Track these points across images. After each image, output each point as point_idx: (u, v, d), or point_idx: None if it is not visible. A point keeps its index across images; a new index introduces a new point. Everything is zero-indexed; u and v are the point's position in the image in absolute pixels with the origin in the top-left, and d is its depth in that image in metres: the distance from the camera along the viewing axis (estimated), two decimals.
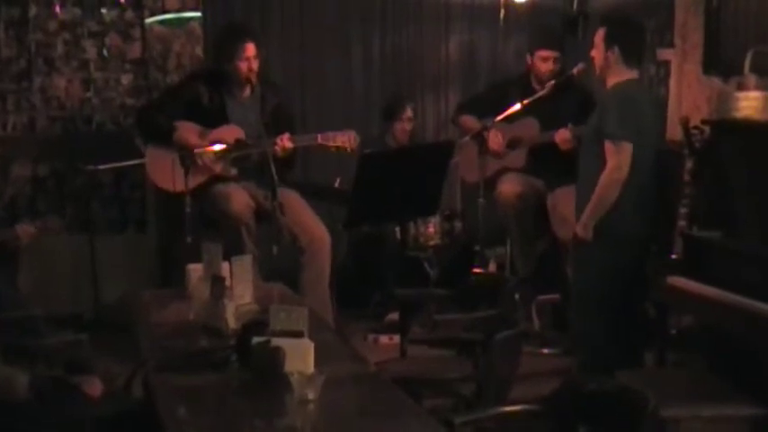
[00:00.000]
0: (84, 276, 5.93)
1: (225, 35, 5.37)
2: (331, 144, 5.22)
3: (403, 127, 6.31)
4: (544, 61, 5.55)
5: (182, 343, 3.23)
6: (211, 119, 5.26)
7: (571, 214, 4.75)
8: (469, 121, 5.78)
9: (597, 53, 4.41)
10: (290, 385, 2.67)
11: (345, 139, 5.21)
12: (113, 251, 6.10)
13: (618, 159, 4.23)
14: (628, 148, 4.23)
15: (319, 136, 5.24)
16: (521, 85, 5.66)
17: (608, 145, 4.25)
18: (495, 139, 5.53)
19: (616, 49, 4.33)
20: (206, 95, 5.29)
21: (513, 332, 3.44)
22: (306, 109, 6.65)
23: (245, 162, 5.29)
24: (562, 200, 5.30)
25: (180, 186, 4.89)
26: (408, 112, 6.33)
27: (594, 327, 4.38)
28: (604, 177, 4.25)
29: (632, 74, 4.37)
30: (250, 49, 5.22)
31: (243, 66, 5.21)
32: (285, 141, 5.13)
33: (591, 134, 4.41)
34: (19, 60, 6.10)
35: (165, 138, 5.18)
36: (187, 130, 5.21)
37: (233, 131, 5.23)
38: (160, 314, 3.73)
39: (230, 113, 5.30)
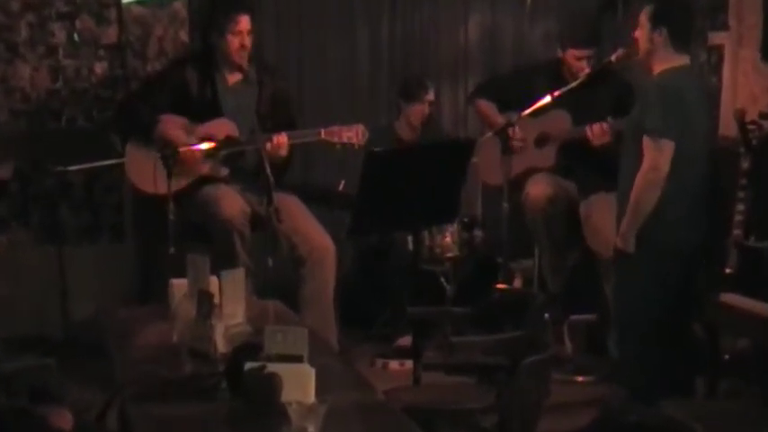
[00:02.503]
0: (51, 292, 5.94)
1: (216, 5, 5.39)
2: (336, 140, 5.23)
3: (423, 109, 6.34)
4: (578, 60, 5.57)
5: (163, 368, 3.24)
6: (202, 109, 5.28)
7: (606, 225, 4.75)
8: (487, 107, 5.80)
9: (642, 34, 4.39)
10: (287, 417, 2.68)
11: (352, 135, 5.23)
12: (85, 263, 6.11)
13: (655, 158, 4.23)
14: (668, 146, 4.22)
15: (323, 131, 5.25)
16: (550, 73, 5.66)
17: (646, 141, 4.24)
18: (519, 135, 5.53)
19: (664, 30, 4.31)
20: (195, 82, 5.32)
21: (542, 357, 3.44)
22: (303, 100, 6.67)
23: (239, 161, 5.31)
24: (597, 209, 5.30)
25: (162, 189, 4.90)
26: (431, 95, 6.36)
27: (637, 350, 4.38)
28: (639, 179, 4.25)
29: (681, 60, 4.35)
30: (244, 21, 5.25)
31: (234, 41, 5.24)
32: (280, 139, 5.14)
33: (632, 130, 4.40)
34: None
35: (147, 133, 5.21)
36: (171, 125, 5.23)
37: (224, 126, 5.25)
38: (139, 335, 3.74)
39: (223, 102, 5.33)
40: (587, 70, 5.50)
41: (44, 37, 6.17)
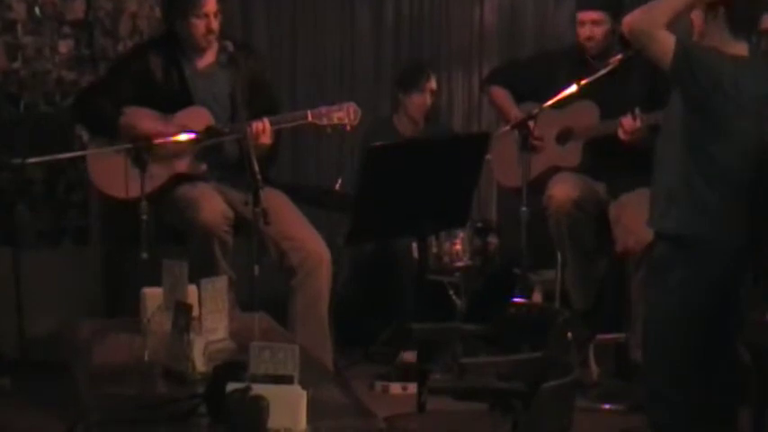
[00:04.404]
0: (5, 303, 5.94)
1: None
2: (326, 123, 5.27)
3: (423, 100, 6.36)
4: (581, 26, 5.60)
5: (134, 390, 3.24)
6: (169, 99, 5.30)
7: (639, 224, 4.74)
8: (501, 97, 5.81)
9: (697, 14, 4.39)
10: None
11: (343, 115, 5.27)
12: (45, 270, 6.11)
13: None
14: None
15: (310, 113, 5.29)
16: (574, 59, 5.67)
17: None
18: (540, 135, 5.54)
19: (721, 10, 4.30)
20: (159, 69, 5.33)
21: (564, 381, 3.44)
22: (297, 89, 6.69)
23: (218, 155, 5.31)
24: (628, 210, 5.30)
25: (134, 192, 4.91)
26: (432, 83, 6.37)
27: (672, 374, 4.37)
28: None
29: (737, 47, 4.33)
30: (210, 3, 5.27)
31: (200, 25, 5.27)
32: (260, 126, 5.15)
33: (674, 119, 4.38)
34: None
35: (111, 130, 5.21)
36: (139, 117, 5.24)
37: (200, 115, 5.27)
38: (105, 352, 3.74)
39: (193, 90, 5.34)
40: (590, 34, 5.52)
41: (1, 11, 6.17)
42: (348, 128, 5.30)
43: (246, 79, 5.33)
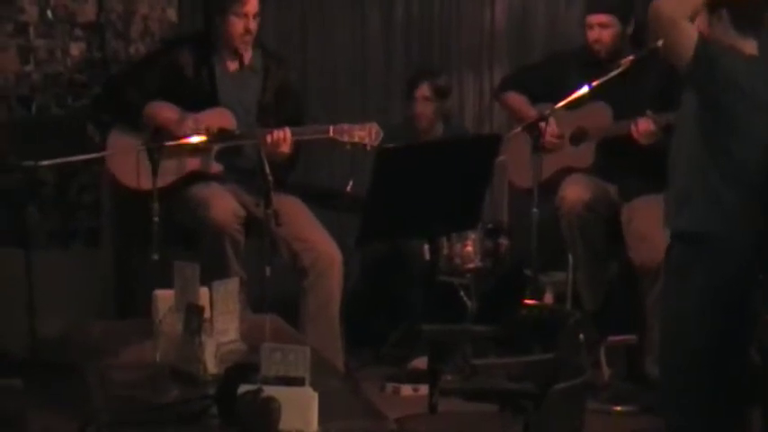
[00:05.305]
0: (16, 303, 5.94)
1: None
2: (346, 140, 5.26)
3: (413, 108, 6.35)
4: (589, 29, 5.60)
5: (145, 392, 3.24)
6: (197, 97, 5.33)
7: (652, 230, 4.72)
8: (517, 100, 5.82)
9: (701, 18, 4.40)
10: None
11: (365, 134, 5.27)
12: (56, 271, 6.11)
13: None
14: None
15: (331, 128, 5.28)
16: (582, 59, 5.67)
17: None
18: (555, 131, 5.54)
19: (723, 12, 4.30)
20: (190, 66, 5.35)
21: (575, 383, 3.43)
22: (307, 91, 6.67)
23: (236, 159, 5.32)
24: (640, 214, 5.29)
25: (146, 183, 4.91)
26: (423, 91, 6.35)
27: (686, 376, 4.36)
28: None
29: (747, 46, 4.33)
30: (251, 2, 5.28)
31: (238, 24, 5.28)
32: (281, 134, 5.15)
33: (688, 118, 4.37)
34: None
35: (134, 119, 5.23)
36: (163, 110, 5.25)
37: (221, 117, 5.27)
38: (116, 354, 3.74)
39: (221, 91, 5.35)
40: (599, 37, 5.52)
41: (13, 13, 6.17)
42: (368, 148, 5.29)
43: (275, 89, 5.35)
